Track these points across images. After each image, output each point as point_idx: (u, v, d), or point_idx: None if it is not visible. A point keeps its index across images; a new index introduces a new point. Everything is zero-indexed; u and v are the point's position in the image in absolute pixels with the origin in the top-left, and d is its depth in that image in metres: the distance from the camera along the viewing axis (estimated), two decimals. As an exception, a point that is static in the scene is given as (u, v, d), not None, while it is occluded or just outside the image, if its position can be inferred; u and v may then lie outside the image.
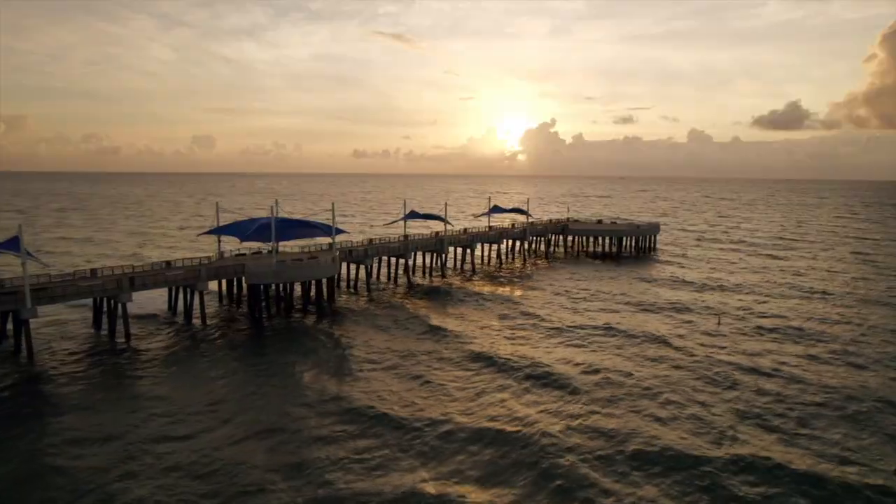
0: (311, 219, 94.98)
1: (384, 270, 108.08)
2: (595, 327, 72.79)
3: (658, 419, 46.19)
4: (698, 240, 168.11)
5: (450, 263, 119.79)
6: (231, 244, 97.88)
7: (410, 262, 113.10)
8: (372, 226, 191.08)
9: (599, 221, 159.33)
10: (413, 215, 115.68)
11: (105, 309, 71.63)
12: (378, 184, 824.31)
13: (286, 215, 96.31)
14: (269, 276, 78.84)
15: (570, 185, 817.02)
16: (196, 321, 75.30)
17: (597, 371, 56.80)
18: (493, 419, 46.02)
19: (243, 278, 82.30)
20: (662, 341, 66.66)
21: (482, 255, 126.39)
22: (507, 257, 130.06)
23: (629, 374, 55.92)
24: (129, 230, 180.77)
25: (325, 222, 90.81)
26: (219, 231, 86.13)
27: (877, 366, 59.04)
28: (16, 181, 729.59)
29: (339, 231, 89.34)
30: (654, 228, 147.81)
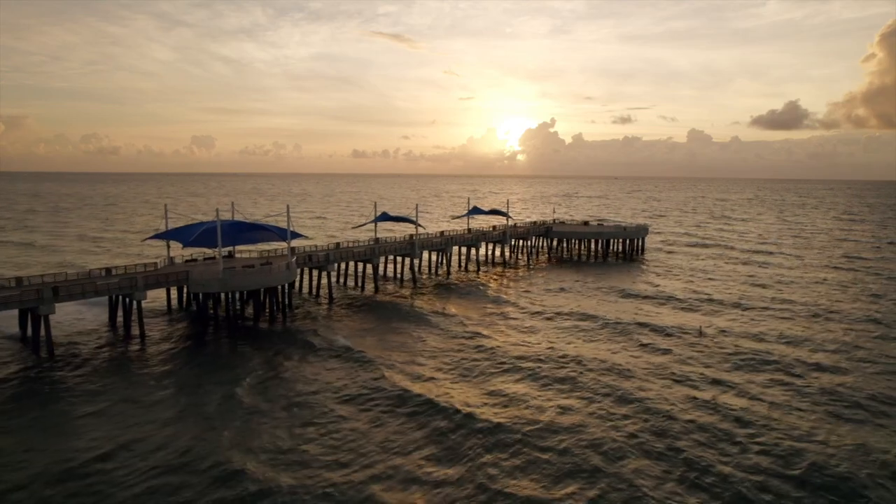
0: (266, 221, 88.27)
1: (351, 277, 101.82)
2: (556, 358, 61.46)
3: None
4: (688, 244, 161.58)
5: (425, 268, 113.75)
6: (196, 250, 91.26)
7: (381, 268, 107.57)
8: (352, 227, 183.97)
9: (586, 223, 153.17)
10: (384, 217, 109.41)
11: (30, 322, 65.52)
12: (373, 184, 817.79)
13: (242, 217, 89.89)
14: (215, 284, 72.41)
15: (567, 186, 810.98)
16: (134, 336, 68.97)
17: (537, 421, 46.46)
18: (386, 487, 37.30)
19: (187, 287, 76.11)
20: (629, 375, 56.89)
21: (459, 260, 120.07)
22: (486, 262, 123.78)
23: (577, 426, 45.56)
24: (83, 233, 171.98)
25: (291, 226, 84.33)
26: (163, 236, 79.80)
27: (871, 402, 50.94)
28: (5, 182, 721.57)
29: (296, 235, 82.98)
30: (642, 230, 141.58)
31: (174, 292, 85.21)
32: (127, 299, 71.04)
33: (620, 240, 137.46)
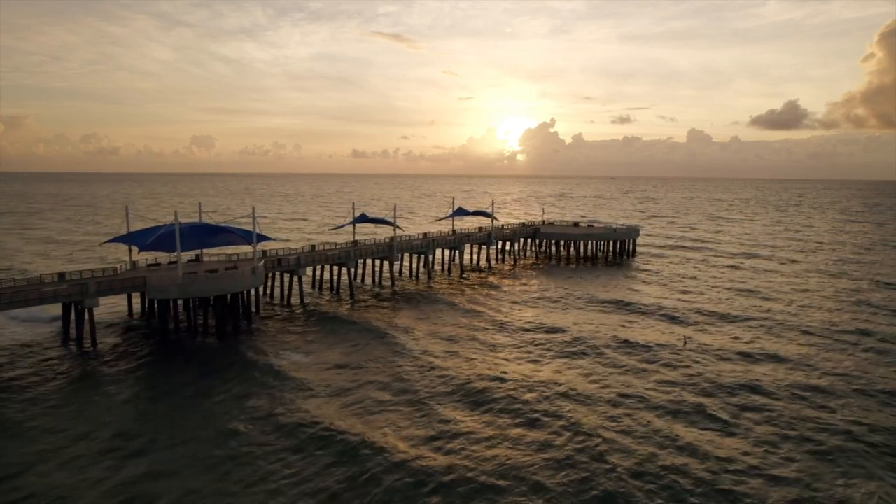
0: (239, 223, 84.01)
1: (326, 281, 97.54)
2: (520, 384, 54.01)
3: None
4: (680, 247, 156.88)
5: (406, 272, 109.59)
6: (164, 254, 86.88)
7: (359, 272, 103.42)
8: (329, 230, 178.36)
9: (576, 224, 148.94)
10: (363, 219, 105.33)
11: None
12: (369, 184, 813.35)
13: (210, 220, 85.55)
14: (174, 290, 68.20)
15: (563, 186, 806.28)
16: (85, 348, 64.61)
17: (482, 462, 39.85)
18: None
19: (145, 293, 71.92)
20: (597, 403, 50.21)
21: (442, 262, 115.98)
22: (470, 265, 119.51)
23: (529, 472, 38.84)
24: (50, 236, 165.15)
25: (259, 229, 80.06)
26: (123, 239, 75.65)
27: (863, 438, 45.67)
28: (1, 182, 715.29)
29: (263, 237, 78.71)
30: (633, 232, 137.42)
31: (136, 299, 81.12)
32: (79, 307, 66.86)
33: (610, 242, 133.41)
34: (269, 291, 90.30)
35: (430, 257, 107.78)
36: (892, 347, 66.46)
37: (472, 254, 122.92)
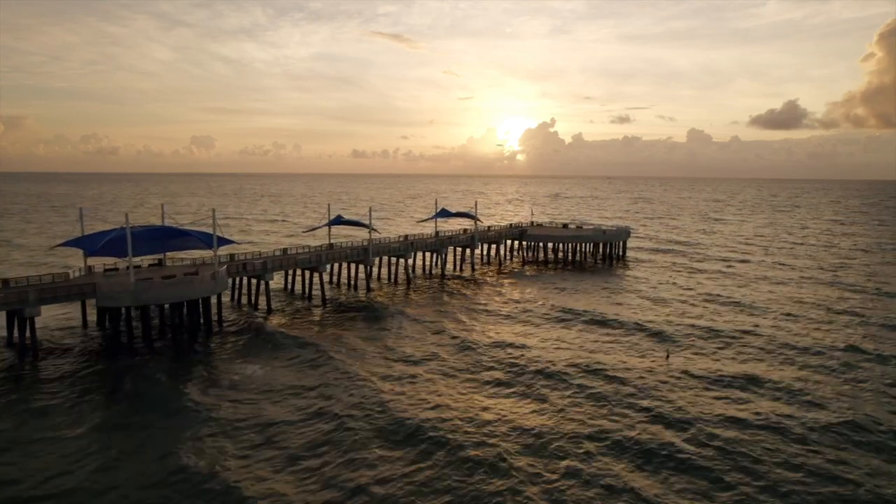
0: (190, 227, 79.61)
1: (298, 286, 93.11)
2: (466, 421, 46.53)
3: None
4: (672, 251, 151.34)
5: (384, 276, 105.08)
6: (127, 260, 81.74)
7: (335, 276, 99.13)
8: (302, 231, 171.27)
9: (565, 225, 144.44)
10: (338, 221, 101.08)
11: None
12: (365, 184, 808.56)
13: (173, 222, 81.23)
14: (125, 297, 63.78)
15: (561, 186, 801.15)
16: (25, 362, 60.02)
17: None
18: None
19: (95, 301, 67.37)
20: (554, 441, 43.38)
21: (423, 266, 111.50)
22: (453, 268, 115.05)
23: None
24: (9, 238, 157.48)
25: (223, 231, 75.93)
26: (76, 243, 71.49)
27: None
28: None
29: (224, 241, 74.29)
30: (623, 233, 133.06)
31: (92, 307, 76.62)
32: (21, 316, 62.29)
33: (600, 244, 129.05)
34: (236, 298, 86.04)
35: (411, 261, 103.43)
36: (885, 368, 61.50)
37: (455, 257, 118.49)
